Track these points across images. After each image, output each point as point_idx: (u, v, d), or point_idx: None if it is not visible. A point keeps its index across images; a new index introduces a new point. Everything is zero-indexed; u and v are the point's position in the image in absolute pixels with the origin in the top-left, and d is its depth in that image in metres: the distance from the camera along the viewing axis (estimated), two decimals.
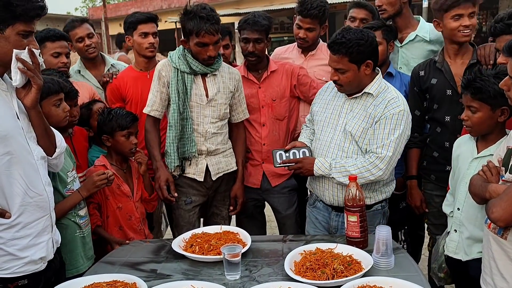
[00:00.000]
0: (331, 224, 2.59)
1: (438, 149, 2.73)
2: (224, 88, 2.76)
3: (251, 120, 3.02)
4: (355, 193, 2.17)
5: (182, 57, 2.67)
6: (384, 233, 2.03)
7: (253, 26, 2.87)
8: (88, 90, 3.17)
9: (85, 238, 2.39)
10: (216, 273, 2.06)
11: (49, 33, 3.06)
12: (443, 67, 2.70)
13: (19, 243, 1.82)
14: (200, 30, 2.51)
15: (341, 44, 2.32)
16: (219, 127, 2.77)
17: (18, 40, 1.76)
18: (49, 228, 1.94)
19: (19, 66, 1.77)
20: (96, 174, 2.38)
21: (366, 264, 1.99)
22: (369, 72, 2.39)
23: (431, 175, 2.80)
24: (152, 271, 2.11)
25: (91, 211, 2.51)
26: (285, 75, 3.02)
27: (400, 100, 2.40)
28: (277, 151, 2.57)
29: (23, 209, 1.82)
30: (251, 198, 3.12)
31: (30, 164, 1.86)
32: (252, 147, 3.04)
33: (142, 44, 3.17)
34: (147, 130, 2.77)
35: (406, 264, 2.07)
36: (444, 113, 2.70)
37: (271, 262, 2.14)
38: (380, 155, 2.34)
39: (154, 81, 2.74)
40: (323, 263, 1.97)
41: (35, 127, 1.92)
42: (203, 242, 2.26)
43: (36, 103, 1.89)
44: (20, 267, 1.82)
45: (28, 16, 1.75)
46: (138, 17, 3.20)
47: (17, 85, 1.82)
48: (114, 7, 25.99)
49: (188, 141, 2.70)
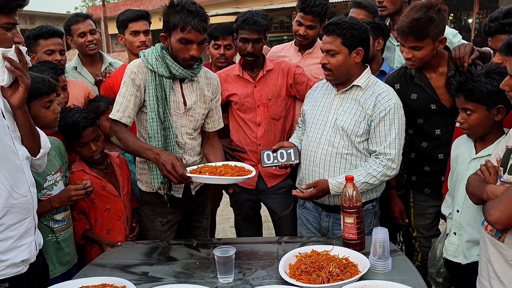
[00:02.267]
0: (322, 225, 2.55)
1: (430, 162, 2.62)
2: (202, 95, 2.53)
3: (246, 120, 2.97)
4: (351, 194, 2.13)
5: (160, 59, 2.37)
6: (381, 235, 1.98)
7: (253, 26, 2.80)
8: (84, 89, 3.13)
9: (59, 243, 2.32)
10: (208, 276, 2.01)
11: (42, 30, 3.02)
12: (422, 82, 2.55)
13: (1, 245, 1.75)
14: (186, 25, 2.25)
15: (337, 24, 2.35)
16: (195, 137, 2.57)
17: (2, 33, 1.70)
18: (32, 230, 1.88)
19: (7, 65, 1.72)
20: (74, 188, 2.25)
21: (362, 267, 1.93)
22: (358, 60, 2.39)
23: (425, 189, 2.69)
24: (143, 274, 2.06)
25: (76, 217, 2.46)
26: (281, 74, 2.96)
27: (391, 93, 2.40)
28: (265, 151, 2.53)
29: (6, 211, 1.76)
30: (246, 199, 3.07)
31: (15, 165, 1.80)
32: (247, 147, 2.99)
33: (133, 42, 3.13)
34: (118, 131, 2.37)
35: (403, 267, 2.02)
36: (433, 127, 2.59)
37: (266, 264, 2.09)
38: (390, 157, 2.34)
39: (126, 83, 2.38)
40: (319, 266, 1.92)
41: (21, 127, 1.86)
42: (210, 169, 2.24)
43: (23, 102, 1.83)
44: (1, 270, 1.75)
45: (10, 7, 1.69)
46: (128, 15, 3.17)
47: (5, 84, 1.76)
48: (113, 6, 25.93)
49: (172, 152, 2.40)
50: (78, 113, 2.49)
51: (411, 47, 2.41)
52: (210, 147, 2.64)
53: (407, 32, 2.37)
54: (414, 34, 2.36)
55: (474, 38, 10.61)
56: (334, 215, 2.46)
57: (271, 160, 2.50)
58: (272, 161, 2.50)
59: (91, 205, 2.50)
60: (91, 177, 2.47)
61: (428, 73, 2.56)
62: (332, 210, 2.47)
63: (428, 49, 2.41)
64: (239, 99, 2.95)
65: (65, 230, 2.36)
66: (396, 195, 2.78)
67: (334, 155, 2.41)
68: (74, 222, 2.47)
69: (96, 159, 2.53)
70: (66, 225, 2.37)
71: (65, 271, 2.34)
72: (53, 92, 2.25)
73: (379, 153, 2.36)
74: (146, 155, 2.31)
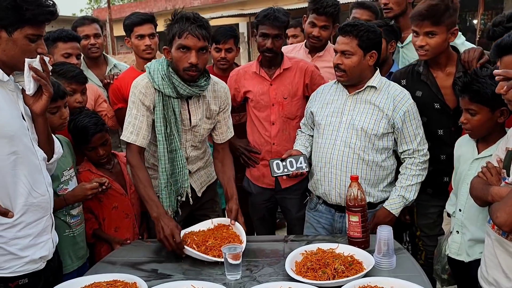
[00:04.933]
0: (335, 226, 2.58)
1: (432, 163, 2.62)
2: (208, 110, 2.50)
3: (261, 118, 2.96)
4: (356, 193, 2.17)
5: (166, 78, 2.30)
6: (386, 233, 2.02)
7: (274, 21, 2.78)
8: (94, 92, 3.17)
9: (75, 238, 2.38)
10: (216, 273, 2.06)
11: (62, 33, 3.08)
12: (429, 80, 2.58)
13: (20, 242, 1.82)
14: (183, 31, 2.20)
15: (354, 26, 2.39)
16: (199, 147, 2.58)
17: (25, 44, 1.76)
18: (49, 228, 1.94)
19: (33, 74, 1.79)
20: (90, 186, 2.30)
21: (367, 264, 1.97)
22: (372, 63, 2.44)
23: (427, 189, 2.71)
24: (152, 271, 2.10)
25: (86, 216, 2.51)
26: (299, 73, 2.94)
27: (406, 93, 2.49)
28: (274, 161, 2.51)
29: (26, 209, 1.82)
30: (264, 200, 3.08)
31: (34, 165, 1.86)
32: (262, 147, 2.98)
33: (139, 46, 3.18)
34: (134, 166, 2.33)
35: (407, 264, 2.05)
36: (435, 127, 2.61)
37: (272, 262, 2.14)
38: (424, 152, 2.49)
39: (136, 104, 2.34)
40: (324, 263, 1.96)
41: (40, 133, 1.93)
42: (200, 241, 2.22)
43: (45, 110, 1.91)
44: (20, 267, 1.82)
45: (37, 20, 1.75)
46: (134, 19, 3.20)
47: (30, 93, 1.84)
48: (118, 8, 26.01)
49: (180, 175, 2.43)
50: (88, 118, 2.51)
51: (426, 32, 2.43)
52: (219, 164, 2.63)
53: (424, 15, 2.41)
54: (431, 18, 2.40)
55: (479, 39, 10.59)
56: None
57: (280, 169, 2.49)
58: (282, 170, 2.48)
59: (99, 204, 2.55)
60: (97, 176, 2.51)
61: (435, 71, 2.59)
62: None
63: (442, 38, 2.44)
64: (254, 97, 2.95)
65: (79, 224, 2.43)
66: None
67: (351, 156, 2.44)
68: (84, 221, 2.52)
69: (103, 162, 2.59)
70: (80, 220, 2.44)
71: (81, 264, 2.41)
72: (61, 99, 2.29)
73: (414, 150, 2.46)
74: (149, 208, 2.26)
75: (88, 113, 2.58)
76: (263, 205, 3.10)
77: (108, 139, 2.60)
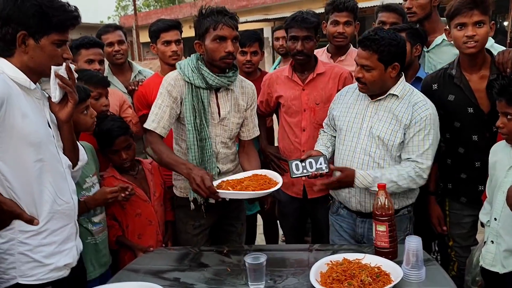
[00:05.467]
0: (357, 231, 2.52)
1: (466, 170, 2.54)
2: (236, 105, 2.54)
3: (291, 124, 2.91)
4: (384, 202, 2.10)
5: (196, 70, 2.40)
6: (414, 244, 1.94)
7: (302, 23, 2.75)
8: (119, 98, 3.20)
9: (98, 245, 2.39)
10: (240, 283, 2.02)
11: (84, 40, 3.13)
12: (462, 83, 2.47)
13: (45, 249, 1.82)
14: (218, 23, 2.32)
15: (374, 40, 2.28)
16: (229, 146, 2.58)
17: (52, 50, 1.78)
18: (73, 235, 1.94)
19: (59, 82, 1.82)
20: (110, 190, 2.33)
21: (395, 276, 1.90)
22: (394, 75, 2.35)
23: (461, 198, 2.61)
24: (175, 280, 2.08)
25: (109, 223, 2.51)
26: (333, 78, 2.88)
27: (428, 103, 2.35)
28: (293, 161, 2.46)
29: (51, 216, 1.82)
30: (293, 208, 3.02)
31: (59, 172, 1.87)
32: (291, 154, 2.93)
33: (165, 52, 3.18)
34: (154, 142, 2.40)
35: (438, 276, 1.97)
36: (469, 132, 2.50)
37: (297, 272, 2.09)
38: (423, 166, 2.31)
39: (163, 95, 2.43)
40: (350, 274, 1.90)
41: (65, 140, 1.94)
42: (235, 183, 2.23)
43: (71, 117, 1.93)
44: (45, 274, 1.82)
45: (63, 26, 1.77)
46: (160, 25, 3.21)
47: (56, 101, 1.86)
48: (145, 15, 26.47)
49: (209, 162, 2.46)
50: (112, 121, 2.57)
51: (476, 22, 2.34)
52: (245, 155, 2.66)
53: (475, 2, 2.32)
54: (480, 6, 2.32)
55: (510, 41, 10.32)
56: (369, 221, 2.42)
57: (300, 170, 2.44)
58: (301, 171, 2.43)
59: (122, 211, 2.55)
60: (121, 182, 2.52)
61: (469, 75, 2.49)
62: (367, 216, 2.43)
63: (487, 29, 2.35)
64: (286, 102, 2.91)
65: (102, 232, 2.44)
66: (435, 201, 2.72)
67: (371, 164, 2.38)
68: (107, 228, 2.52)
69: (126, 167, 2.60)
70: (103, 227, 2.44)
71: (103, 272, 2.42)
72: (88, 98, 2.34)
73: (412, 159, 2.32)
74: (179, 169, 2.33)
75: (113, 117, 2.63)
76: (292, 214, 3.04)
77: (132, 144, 2.62)
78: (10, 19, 1.69)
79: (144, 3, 38.55)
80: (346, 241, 2.55)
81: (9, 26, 1.70)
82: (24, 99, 1.74)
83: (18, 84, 1.74)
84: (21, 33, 1.70)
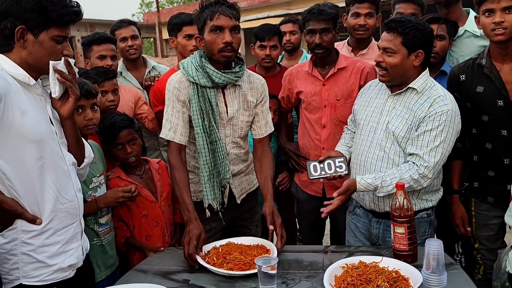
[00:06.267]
0: (372, 232, 2.41)
1: (494, 167, 2.40)
2: (245, 101, 2.42)
3: (312, 120, 2.82)
4: (402, 202, 1.99)
5: (200, 69, 2.28)
6: (435, 247, 1.82)
7: (319, 15, 2.67)
8: (134, 94, 3.17)
9: (104, 247, 2.34)
10: (250, 286, 1.94)
11: (95, 36, 3.11)
12: (492, 73, 2.35)
13: (49, 250, 1.78)
14: (214, 13, 2.20)
15: (400, 22, 2.18)
16: (241, 146, 2.48)
17: (52, 46, 1.73)
18: (78, 235, 1.90)
19: (58, 77, 1.77)
20: (122, 189, 2.30)
21: (414, 281, 1.80)
22: (417, 64, 2.21)
23: (488, 198, 2.47)
24: (184, 281, 2.02)
25: (116, 224, 2.47)
26: (355, 73, 2.77)
27: (448, 98, 2.21)
28: (311, 162, 2.37)
29: (54, 215, 1.78)
30: (312, 207, 2.91)
31: (63, 170, 1.82)
32: (311, 151, 2.84)
33: (186, 46, 3.11)
34: (173, 166, 2.30)
35: (460, 282, 1.86)
36: (499, 127, 2.36)
37: (310, 275, 2.00)
38: (428, 164, 2.15)
39: (172, 101, 2.32)
40: (366, 279, 1.80)
41: (69, 136, 1.90)
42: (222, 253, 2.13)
43: (73, 113, 1.88)
44: (48, 275, 1.78)
45: (63, 21, 1.73)
46: (183, 18, 3.15)
47: (56, 96, 1.81)
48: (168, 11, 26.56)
49: (222, 166, 2.36)
50: (116, 116, 2.53)
51: (504, 8, 2.21)
52: (257, 163, 2.52)
53: None
54: None
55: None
56: (384, 221, 2.31)
57: (318, 171, 2.35)
58: (319, 172, 2.34)
59: (128, 212, 2.50)
60: (127, 183, 2.47)
61: (500, 65, 2.35)
62: (383, 217, 2.33)
63: None
64: (306, 97, 2.83)
65: (108, 233, 2.39)
66: (458, 201, 2.58)
67: (385, 161, 2.27)
68: (115, 230, 2.48)
69: (131, 162, 2.53)
70: (109, 228, 2.40)
71: (109, 274, 2.37)
72: (86, 99, 2.23)
73: (419, 155, 2.17)
74: (182, 210, 2.29)
75: (118, 113, 2.58)
76: (311, 213, 2.95)
77: (137, 138, 2.56)
78: (8, 13, 1.65)
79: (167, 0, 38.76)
80: (361, 242, 2.45)
81: (7, 20, 1.66)
82: (24, 95, 1.70)
83: (17, 80, 1.70)
84: (19, 28, 1.66)
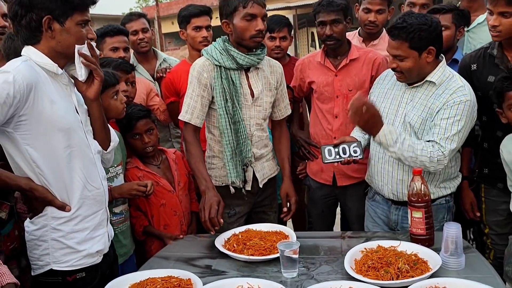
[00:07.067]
0: (391, 218, 2.46)
1: None
2: (268, 83, 2.52)
3: (324, 110, 2.85)
4: (419, 187, 2.03)
5: (224, 52, 2.38)
6: (454, 230, 1.87)
7: (328, 7, 2.68)
8: (146, 85, 3.19)
9: (117, 236, 2.35)
10: (272, 270, 1.98)
11: (108, 28, 3.14)
12: (503, 63, 2.37)
13: (78, 236, 1.82)
14: (248, 1, 2.30)
15: (401, 29, 2.17)
16: (264, 128, 2.56)
17: (78, 31, 1.77)
18: (104, 221, 1.94)
19: (82, 60, 1.80)
20: (137, 183, 2.34)
21: (433, 263, 1.84)
22: (431, 59, 2.23)
23: (498, 184, 2.51)
24: (206, 267, 2.06)
25: (134, 214, 2.51)
26: (367, 64, 2.78)
27: (466, 89, 2.22)
28: (326, 147, 2.39)
29: (82, 202, 1.83)
30: (323, 195, 2.97)
31: (89, 158, 1.86)
32: (323, 140, 2.86)
33: (196, 38, 3.14)
34: (189, 142, 2.42)
35: (478, 264, 1.90)
36: None
37: (330, 259, 2.04)
38: (444, 150, 2.17)
39: (193, 84, 2.41)
40: (387, 261, 1.85)
41: (96, 120, 1.94)
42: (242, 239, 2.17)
43: (99, 95, 1.92)
44: (78, 260, 1.82)
45: (84, 4, 1.77)
46: (192, 10, 3.17)
47: (82, 79, 1.85)
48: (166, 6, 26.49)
49: (244, 145, 2.44)
50: (133, 106, 2.58)
51: (500, 12, 2.25)
52: (276, 142, 2.71)
53: None
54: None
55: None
56: (403, 208, 2.35)
57: (332, 155, 2.37)
58: (334, 156, 2.37)
59: (146, 201, 2.53)
60: (145, 173, 2.51)
61: (510, 55, 2.38)
62: (402, 204, 2.37)
63: None
64: (318, 88, 2.85)
65: (123, 222, 2.43)
66: (467, 187, 2.62)
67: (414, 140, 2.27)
68: (133, 219, 2.52)
69: (148, 152, 2.56)
70: (124, 217, 2.44)
71: (122, 262, 2.38)
72: (117, 83, 2.33)
73: (435, 141, 2.19)
74: (199, 181, 2.37)
75: (134, 104, 2.63)
76: (321, 201, 2.99)
77: (154, 128, 2.60)
78: (33, 5, 1.68)
79: None
80: (380, 228, 2.50)
81: (32, 13, 1.69)
82: (52, 85, 1.74)
83: (45, 70, 1.74)
84: (46, 18, 1.69)
